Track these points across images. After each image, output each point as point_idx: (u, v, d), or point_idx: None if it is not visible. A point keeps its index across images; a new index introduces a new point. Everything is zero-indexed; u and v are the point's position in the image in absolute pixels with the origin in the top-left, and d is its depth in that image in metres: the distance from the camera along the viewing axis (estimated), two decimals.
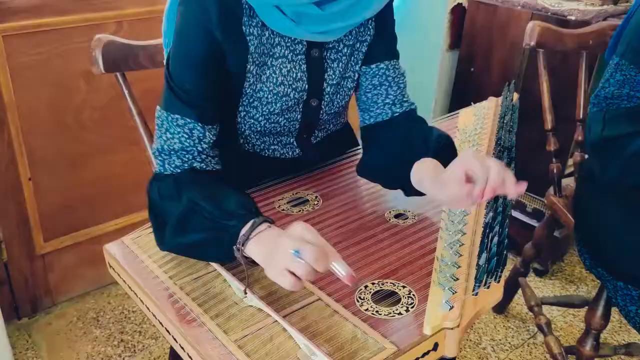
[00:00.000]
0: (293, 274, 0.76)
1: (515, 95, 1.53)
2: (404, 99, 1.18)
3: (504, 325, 2.04)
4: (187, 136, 0.98)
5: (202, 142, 0.99)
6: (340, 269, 0.77)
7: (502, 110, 1.42)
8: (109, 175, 1.95)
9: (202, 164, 1.00)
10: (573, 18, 1.97)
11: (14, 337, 1.88)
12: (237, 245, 0.83)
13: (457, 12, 2.34)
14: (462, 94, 2.42)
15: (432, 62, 2.41)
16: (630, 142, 1.26)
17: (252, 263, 0.85)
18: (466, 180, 0.89)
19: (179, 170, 0.98)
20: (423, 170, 1.02)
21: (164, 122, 0.99)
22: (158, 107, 1.00)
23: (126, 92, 1.29)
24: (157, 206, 0.96)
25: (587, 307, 1.56)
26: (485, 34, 2.25)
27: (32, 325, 1.94)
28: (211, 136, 1.01)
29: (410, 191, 1.07)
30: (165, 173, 0.99)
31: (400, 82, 1.17)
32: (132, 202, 1.99)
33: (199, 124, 0.98)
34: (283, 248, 0.76)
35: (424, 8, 2.39)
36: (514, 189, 0.88)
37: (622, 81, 1.28)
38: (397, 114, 1.16)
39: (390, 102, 1.16)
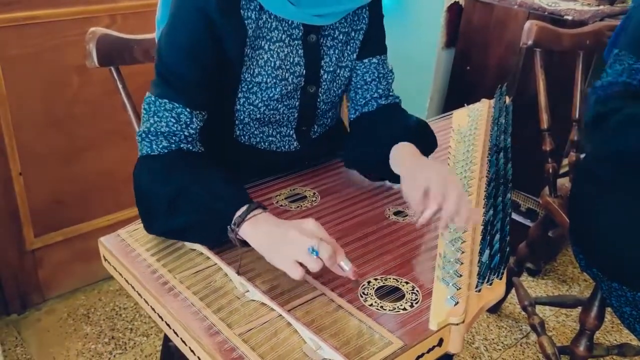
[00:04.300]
0: (301, 265, 0.80)
1: (507, 98, 1.54)
2: (390, 94, 1.23)
3: (497, 325, 2.04)
4: (174, 120, 0.99)
5: (189, 128, 1.01)
6: (345, 266, 0.84)
7: (495, 112, 1.43)
8: (101, 171, 1.93)
9: (189, 146, 1.01)
10: (570, 18, 1.98)
11: (2, 334, 1.85)
12: (232, 226, 0.86)
13: (454, 10, 2.33)
14: (457, 92, 2.42)
15: (428, 60, 2.41)
16: (616, 114, 1.26)
17: (244, 244, 0.87)
18: (424, 195, 0.94)
19: (166, 151, 0.99)
20: (399, 155, 1.07)
21: (152, 106, 1.00)
22: (147, 94, 1.01)
23: (120, 86, 1.28)
24: (146, 189, 0.96)
25: (580, 307, 1.56)
26: (481, 32, 2.25)
27: (22, 322, 1.91)
28: (198, 122, 1.02)
29: (394, 178, 1.09)
30: (153, 154, 0.99)
31: (389, 77, 1.23)
32: (125, 198, 1.97)
33: (187, 109, 1.00)
34: (297, 241, 0.81)
35: (420, 6, 2.39)
36: (467, 220, 0.93)
37: (621, 70, 1.28)
38: (381, 106, 1.21)
39: (377, 96, 1.21)
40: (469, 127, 1.42)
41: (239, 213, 0.86)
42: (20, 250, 1.86)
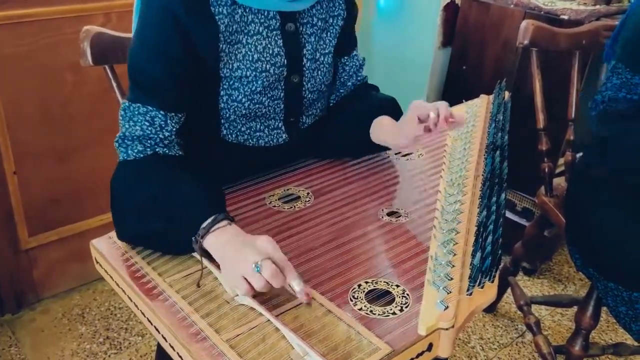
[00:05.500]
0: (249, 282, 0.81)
1: (507, 94, 1.53)
2: (360, 75, 1.31)
3: (492, 324, 2.04)
4: (148, 124, 0.99)
5: (164, 130, 1.00)
6: (295, 286, 0.82)
7: (494, 108, 1.41)
8: (96, 169, 1.92)
9: (165, 149, 1.01)
10: (566, 17, 1.97)
11: None
12: (196, 237, 0.86)
13: (450, 10, 2.33)
14: (453, 92, 2.42)
15: (424, 60, 2.40)
16: (623, 139, 1.27)
17: (208, 256, 0.88)
18: (419, 121, 1.08)
19: (141, 155, 0.99)
20: (382, 127, 1.19)
21: (127, 112, 1.00)
22: (122, 100, 1.02)
23: (115, 85, 1.27)
24: (118, 196, 0.96)
25: (575, 306, 1.56)
26: (477, 32, 2.25)
27: (16, 322, 1.91)
28: (174, 124, 1.02)
29: (374, 149, 1.24)
30: (129, 159, 0.99)
31: (362, 64, 1.31)
32: None
33: (161, 111, 0.99)
34: (244, 257, 0.81)
35: (416, 5, 2.39)
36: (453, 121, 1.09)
37: (619, 85, 1.29)
38: (355, 86, 1.30)
39: (354, 81, 1.29)
40: (467, 124, 1.40)
41: (204, 224, 0.86)
42: (15, 249, 1.85)
